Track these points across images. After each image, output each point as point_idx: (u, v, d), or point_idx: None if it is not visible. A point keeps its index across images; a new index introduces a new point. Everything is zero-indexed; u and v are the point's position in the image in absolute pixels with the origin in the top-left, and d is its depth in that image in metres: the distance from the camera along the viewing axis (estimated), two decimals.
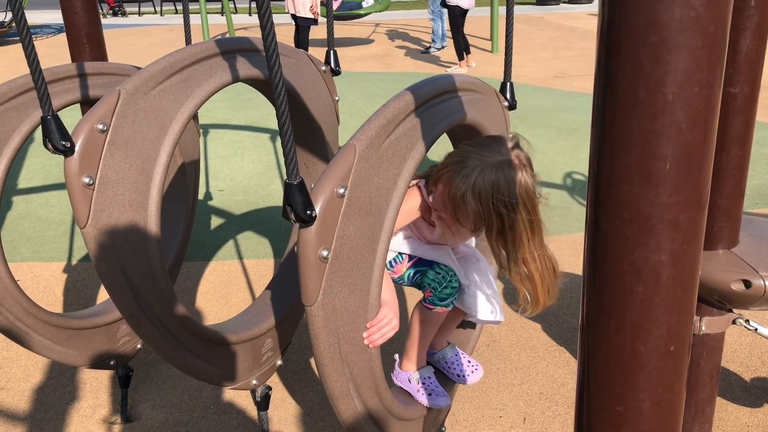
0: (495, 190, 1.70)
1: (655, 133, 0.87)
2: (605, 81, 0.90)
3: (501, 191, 1.70)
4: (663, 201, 0.90)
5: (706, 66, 0.84)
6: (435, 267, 1.97)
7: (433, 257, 2.00)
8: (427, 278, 1.96)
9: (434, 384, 2.11)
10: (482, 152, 1.75)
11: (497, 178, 1.71)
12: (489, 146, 1.78)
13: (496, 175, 1.71)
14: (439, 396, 2.07)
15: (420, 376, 2.11)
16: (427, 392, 2.07)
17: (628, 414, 1.02)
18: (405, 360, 2.11)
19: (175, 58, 1.85)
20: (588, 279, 1.01)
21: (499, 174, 1.71)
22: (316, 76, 2.36)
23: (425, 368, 2.14)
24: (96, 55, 3.16)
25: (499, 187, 1.71)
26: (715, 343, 2.36)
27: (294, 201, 1.33)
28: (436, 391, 2.08)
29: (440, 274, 1.95)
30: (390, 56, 12.06)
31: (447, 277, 1.95)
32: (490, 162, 1.73)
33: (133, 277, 1.80)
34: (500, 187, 1.71)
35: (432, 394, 2.07)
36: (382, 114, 1.53)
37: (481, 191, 1.71)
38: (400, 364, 2.13)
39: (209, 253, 4.25)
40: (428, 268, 1.98)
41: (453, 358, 2.22)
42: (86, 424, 2.77)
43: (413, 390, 2.08)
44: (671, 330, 0.97)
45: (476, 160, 1.73)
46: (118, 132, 1.71)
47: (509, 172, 1.72)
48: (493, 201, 1.71)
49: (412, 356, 2.10)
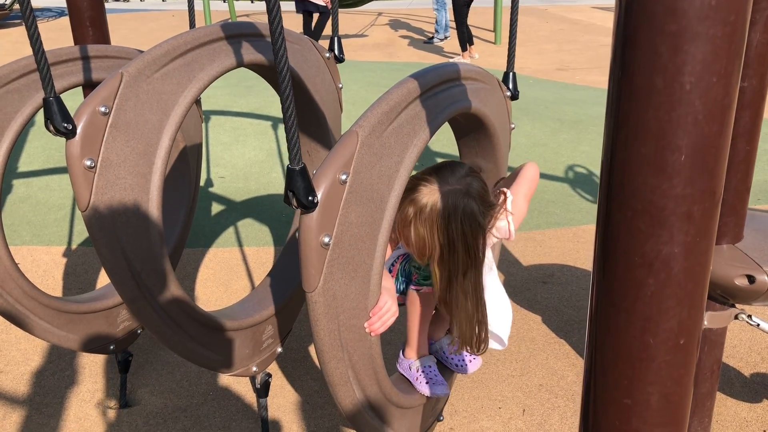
0: (440, 217, 1.70)
1: (672, 124, 0.85)
2: (621, 70, 0.89)
3: (445, 218, 1.70)
4: (677, 193, 0.88)
5: (725, 56, 0.83)
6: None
7: None
8: (412, 262, 1.98)
9: (434, 372, 2.10)
10: (433, 180, 1.76)
11: (443, 204, 1.71)
12: (441, 174, 1.78)
13: (442, 202, 1.71)
14: (437, 384, 2.07)
15: (421, 364, 2.11)
16: (426, 380, 2.07)
17: (636, 407, 1.01)
18: (407, 348, 2.12)
19: (178, 42, 1.83)
20: (598, 270, 1.00)
21: (444, 201, 1.71)
22: (320, 62, 2.34)
23: (427, 357, 2.14)
24: (99, 38, 3.14)
25: (444, 214, 1.70)
26: (716, 338, 2.36)
27: (296, 186, 1.32)
28: (434, 380, 2.08)
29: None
30: (393, 46, 12.01)
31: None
32: (439, 189, 1.73)
33: (134, 261, 1.79)
34: (445, 214, 1.70)
35: (430, 383, 2.07)
36: (384, 101, 1.51)
37: (426, 218, 1.71)
38: (404, 352, 2.14)
39: (209, 240, 4.23)
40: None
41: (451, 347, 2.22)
42: (85, 409, 2.77)
43: (413, 377, 2.08)
44: (682, 323, 0.96)
45: (426, 188, 1.74)
46: (121, 115, 1.69)
47: (457, 200, 1.72)
48: (438, 227, 1.71)
49: (412, 343, 2.11)
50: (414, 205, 1.73)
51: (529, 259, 3.97)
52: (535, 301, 3.52)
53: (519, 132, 6.07)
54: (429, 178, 1.76)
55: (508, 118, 2.18)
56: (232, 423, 2.68)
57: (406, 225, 1.75)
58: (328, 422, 2.67)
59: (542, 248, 4.13)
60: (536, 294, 3.59)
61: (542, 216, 4.57)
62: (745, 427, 2.60)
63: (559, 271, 3.83)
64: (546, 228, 4.40)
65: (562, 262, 3.95)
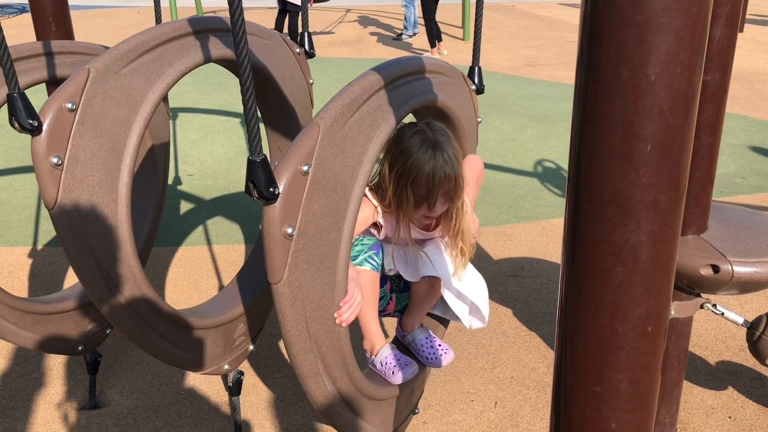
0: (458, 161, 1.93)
1: (638, 114, 0.87)
2: (588, 62, 0.90)
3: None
4: (643, 182, 0.90)
5: (688, 47, 0.85)
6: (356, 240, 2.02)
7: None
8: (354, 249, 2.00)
9: (396, 357, 2.07)
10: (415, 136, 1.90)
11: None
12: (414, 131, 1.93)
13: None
14: (405, 367, 2.05)
15: (381, 358, 2.07)
16: (393, 369, 2.04)
17: (605, 394, 1.03)
18: (365, 342, 2.08)
19: (146, 37, 1.81)
20: (567, 260, 1.01)
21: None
22: (290, 58, 2.33)
23: (382, 349, 2.08)
24: (62, 34, 3.09)
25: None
26: (683, 328, 2.40)
27: (257, 178, 1.32)
28: (400, 363, 2.05)
29: (356, 243, 1.98)
30: (362, 42, 11.99)
31: (363, 238, 1.99)
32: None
33: (102, 260, 1.77)
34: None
35: (395, 372, 2.03)
36: (346, 93, 1.52)
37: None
38: (368, 351, 2.10)
39: (179, 239, 4.19)
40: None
41: (423, 340, 2.22)
42: (53, 411, 2.72)
43: (383, 372, 2.07)
44: (649, 310, 0.98)
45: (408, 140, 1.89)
46: (88, 111, 1.66)
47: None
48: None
49: (367, 335, 2.06)
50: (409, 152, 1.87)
51: (499, 253, 4.01)
52: (505, 294, 3.55)
53: (488, 127, 6.12)
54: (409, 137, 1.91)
55: (475, 112, 2.19)
56: (204, 422, 2.66)
57: (401, 175, 1.88)
58: (301, 419, 2.66)
59: (512, 242, 4.17)
60: (507, 287, 3.62)
61: (512, 210, 4.61)
62: (711, 414, 2.66)
63: (528, 265, 3.87)
64: (516, 222, 4.44)
65: (532, 255, 4.00)
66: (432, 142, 1.87)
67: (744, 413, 2.65)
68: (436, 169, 1.86)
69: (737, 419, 2.62)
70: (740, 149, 5.95)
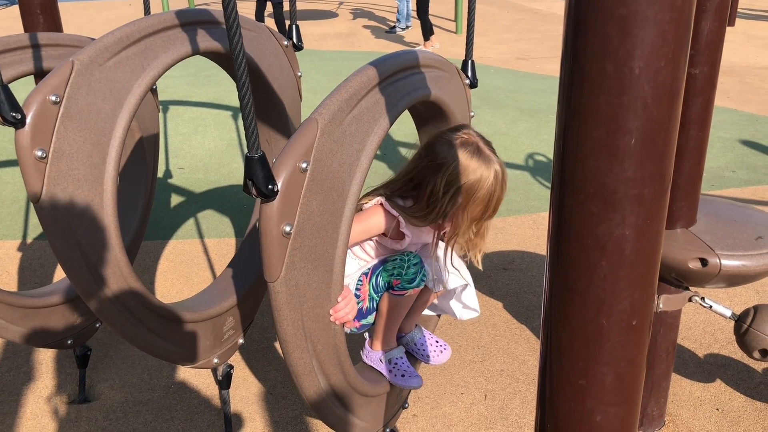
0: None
1: (622, 108, 0.87)
2: (572, 55, 0.90)
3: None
4: (628, 176, 0.90)
5: (672, 40, 0.84)
6: (388, 259, 1.95)
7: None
8: (387, 271, 1.93)
9: (406, 365, 2.10)
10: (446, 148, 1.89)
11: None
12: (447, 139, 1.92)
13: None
14: (412, 377, 2.07)
15: (392, 356, 2.09)
16: (400, 373, 2.06)
17: (590, 387, 1.03)
18: (376, 341, 2.09)
19: (131, 29, 1.79)
20: (552, 254, 1.01)
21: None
22: (278, 50, 2.32)
23: (397, 349, 2.12)
24: (50, 26, 3.06)
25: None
26: (671, 321, 2.41)
27: (255, 175, 1.30)
28: (408, 372, 2.08)
29: (397, 260, 1.93)
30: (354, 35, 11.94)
31: (405, 258, 1.93)
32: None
33: (89, 254, 1.75)
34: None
35: (405, 376, 2.06)
36: (344, 88, 1.50)
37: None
38: (371, 344, 2.11)
39: (169, 232, 4.17)
40: (382, 264, 1.96)
41: (421, 339, 2.23)
42: (42, 405, 2.71)
43: (385, 370, 2.07)
44: (634, 304, 0.98)
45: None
46: (72, 104, 1.65)
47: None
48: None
49: (383, 337, 2.08)
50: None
51: (490, 246, 4.01)
52: (496, 287, 3.56)
53: (479, 121, 6.11)
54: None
55: (468, 106, 2.19)
56: (194, 415, 2.65)
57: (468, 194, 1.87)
58: (291, 412, 2.66)
59: (503, 235, 4.17)
60: (497, 281, 3.62)
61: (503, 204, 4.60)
62: (699, 406, 2.67)
63: (519, 258, 3.88)
64: (507, 215, 4.44)
65: (523, 248, 4.00)
66: (496, 161, 1.89)
67: (731, 405, 2.66)
68: (502, 188, 1.90)
69: (725, 411, 2.63)
70: (731, 143, 5.97)
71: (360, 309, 1.96)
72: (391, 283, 1.94)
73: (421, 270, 1.94)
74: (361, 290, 1.97)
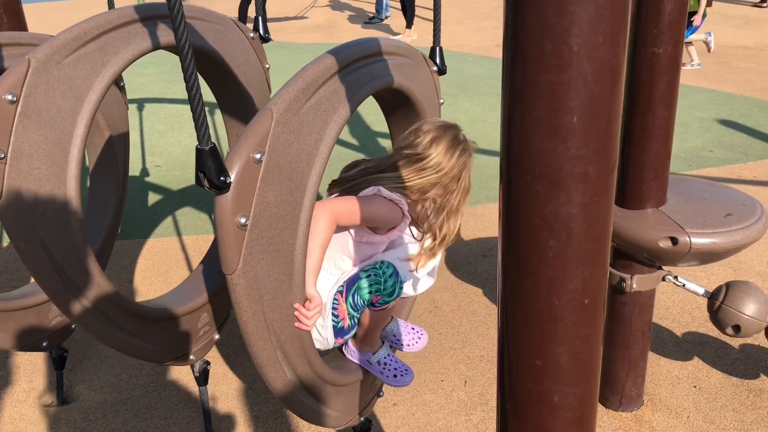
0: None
1: (562, 86, 0.86)
2: (513, 35, 0.89)
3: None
4: (572, 154, 0.89)
5: (609, 16, 0.84)
6: (361, 274, 1.85)
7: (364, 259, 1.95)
8: (363, 289, 1.84)
9: (396, 363, 2.08)
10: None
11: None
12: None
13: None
14: (405, 375, 2.06)
15: (380, 357, 2.06)
16: (392, 374, 2.04)
17: (546, 367, 1.03)
18: (362, 344, 2.04)
19: (89, 25, 1.77)
20: (503, 235, 1.01)
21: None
22: (244, 43, 2.30)
23: (383, 348, 2.09)
24: (14, 25, 3.02)
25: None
26: (646, 300, 2.43)
27: (207, 167, 1.30)
28: (399, 370, 2.06)
29: (371, 275, 1.84)
30: (333, 27, 11.89)
31: (379, 270, 1.84)
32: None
33: (54, 254, 1.74)
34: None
35: (398, 376, 2.05)
36: (300, 77, 1.50)
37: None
38: (356, 346, 2.05)
39: (147, 231, 4.15)
40: (356, 281, 1.86)
41: (398, 330, 2.22)
42: (20, 409, 2.69)
43: (377, 371, 2.05)
44: (585, 283, 0.98)
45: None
46: (30, 102, 1.63)
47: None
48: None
49: (367, 340, 2.04)
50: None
51: (470, 234, 4.02)
52: (475, 274, 3.56)
53: (458, 108, 6.12)
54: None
55: (437, 93, 2.18)
56: (173, 413, 2.64)
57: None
58: (271, 406, 2.66)
59: (482, 222, 4.18)
60: (477, 267, 3.63)
61: (482, 191, 4.61)
62: (676, 384, 2.69)
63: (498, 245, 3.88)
64: (486, 202, 4.45)
65: None
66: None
67: (708, 382, 2.69)
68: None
69: (702, 388, 2.66)
70: (708, 122, 6.01)
71: (341, 328, 1.90)
72: (371, 300, 1.86)
73: (398, 279, 1.87)
74: (338, 309, 1.88)
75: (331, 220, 1.69)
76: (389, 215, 1.84)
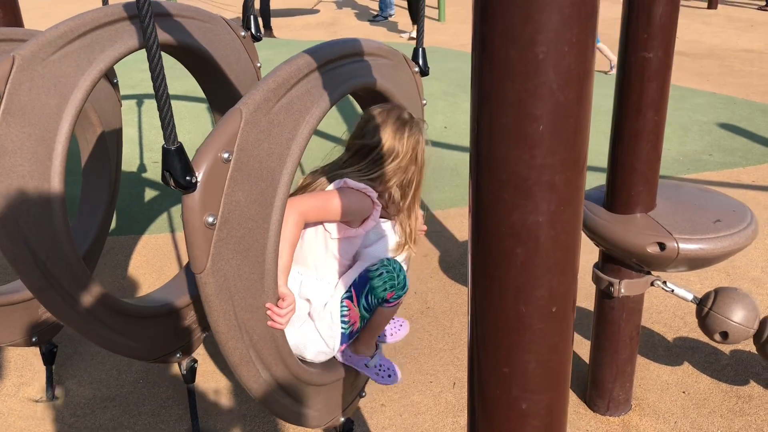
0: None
1: (528, 94, 0.86)
2: (480, 42, 0.89)
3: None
4: (538, 163, 0.89)
5: (576, 24, 0.83)
6: (371, 275, 1.84)
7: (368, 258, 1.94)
8: (377, 288, 1.83)
9: (387, 363, 2.08)
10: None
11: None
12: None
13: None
14: (395, 374, 2.07)
15: (377, 359, 2.05)
16: (386, 374, 2.05)
17: (514, 375, 1.03)
18: (361, 346, 2.01)
19: (76, 23, 1.77)
20: (473, 242, 1.01)
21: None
22: (235, 41, 2.30)
23: (378, 350, 2.08)
24: (10, 21, 3.03)
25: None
26: (634, 305, 2.42)
27: (173, 167, 1.30)
28: (391, 369, 2.07)
29: (382, 272, 1.83)
30: (337, 24, 11.88)
31: (389, 266, 1.84)
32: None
33: (37, 251, 1.74)
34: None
35: (392, 375, 2.05)
36: (271, 77, 1.50)
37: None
38: (355, 349, 2.02)
39: (142, 226, 4.15)
40: (368, 282, 1.85)
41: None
42: (9, 403, 2.70)
43: (372, 373, 2.04)
44: (553, 291, 0.97)
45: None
46: (14, 99, 1.63)
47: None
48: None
49: (369, 342, 2.02)
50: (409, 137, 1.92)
51: (464, 235, 4.01)
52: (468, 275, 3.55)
53: (458, 109, 6.10)
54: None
55: (419, 94, 2.17)
56: (162, 410, 2.65)
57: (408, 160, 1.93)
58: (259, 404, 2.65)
59: None
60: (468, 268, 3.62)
61: None
62: (666, 389, 2.69)
63: None
64: None
65: None
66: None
67: (697, 387, 2.68)
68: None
69: (690, 393, 2.65)
70: (708, 126, 5.98)
71: (350, 332, 1.91)
72: (385, 297, 1.85)
73: (405, 272, 1.88)
74: (349, 315, 1.88)
75: (299, 218, 1.70)
76: (360, 204, 1.84)
